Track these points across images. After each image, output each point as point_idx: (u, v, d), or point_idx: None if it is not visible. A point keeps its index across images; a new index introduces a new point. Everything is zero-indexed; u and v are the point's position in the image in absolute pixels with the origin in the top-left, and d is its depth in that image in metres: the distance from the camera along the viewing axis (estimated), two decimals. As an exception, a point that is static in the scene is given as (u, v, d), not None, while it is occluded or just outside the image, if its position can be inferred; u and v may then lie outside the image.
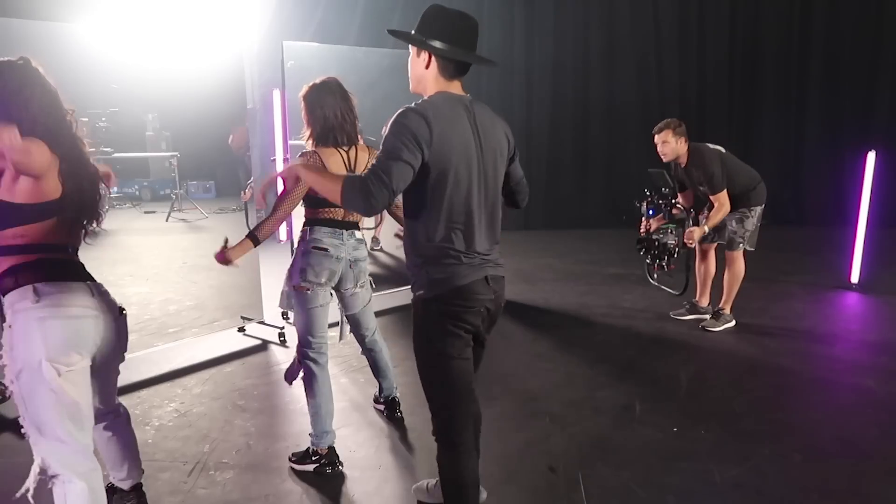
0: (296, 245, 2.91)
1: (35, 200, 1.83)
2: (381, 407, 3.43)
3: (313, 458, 2.84)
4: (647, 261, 4.77)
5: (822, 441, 3.07)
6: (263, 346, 4.44)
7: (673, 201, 4.64)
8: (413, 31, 1.98)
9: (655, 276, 4.96)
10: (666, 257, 4.56)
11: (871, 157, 5.47)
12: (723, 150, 4.51)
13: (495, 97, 9.01)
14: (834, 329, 4.76)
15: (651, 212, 4.69)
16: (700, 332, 4.62)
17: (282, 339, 4.48)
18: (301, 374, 2.89)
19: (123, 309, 2.11)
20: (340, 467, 2.84)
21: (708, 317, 4.77)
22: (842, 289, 5.64)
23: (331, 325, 2.99)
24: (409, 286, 2.06)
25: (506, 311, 5.99)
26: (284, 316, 4.99)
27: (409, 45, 2.00)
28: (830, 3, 8.66)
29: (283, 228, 4.83)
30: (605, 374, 3.93)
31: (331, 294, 2.93)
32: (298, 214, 3.06)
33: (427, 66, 1.96)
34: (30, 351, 1.82)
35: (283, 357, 4.24)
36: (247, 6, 4.52)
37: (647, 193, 4.72)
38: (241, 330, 4.64)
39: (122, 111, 9.77)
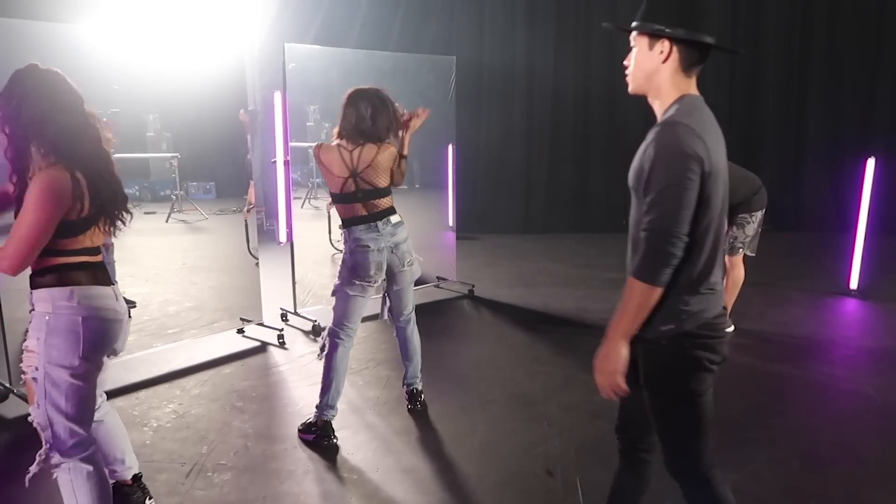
0: (342, 243, 3.19)
1: (79, 216, 1.96)
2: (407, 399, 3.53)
3: (312, 429, 3.12)
4: None
5: (821, 447, 3.07)
6: (262, 347, 4.44)
7: None
8: (637, 22, 1.71)
9: None
10: None
11: (871, 163, 5.48)
12: None
13: (496, 100, 9.03)
14: (833, 335, 4.76)
15: None
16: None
17: (281, 341, 4.48)
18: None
19: (129, 311, 2.22)
20: (335, 440, 3.09)
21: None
22: (841, 295, 5.64)
23: (364, 319, 3.26)
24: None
25: (505, 315, 5.93)
26: (284, 318, 5.00)
27: (633, 38, 1.73)
28: (831, 8, 8.69)
29: (283, 230, 4.83)
30: (603, 378, 3.93)
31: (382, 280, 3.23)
32: (299, 217, 3.11)
33: (665, 60, 1.67)
34: (67, 346, 1.95)
35: (282, 359, 4.24)
36: (248, 8, 4.53)
37: None
38: (241, 331, 4.64)
39: (122, 112, 9.75)
